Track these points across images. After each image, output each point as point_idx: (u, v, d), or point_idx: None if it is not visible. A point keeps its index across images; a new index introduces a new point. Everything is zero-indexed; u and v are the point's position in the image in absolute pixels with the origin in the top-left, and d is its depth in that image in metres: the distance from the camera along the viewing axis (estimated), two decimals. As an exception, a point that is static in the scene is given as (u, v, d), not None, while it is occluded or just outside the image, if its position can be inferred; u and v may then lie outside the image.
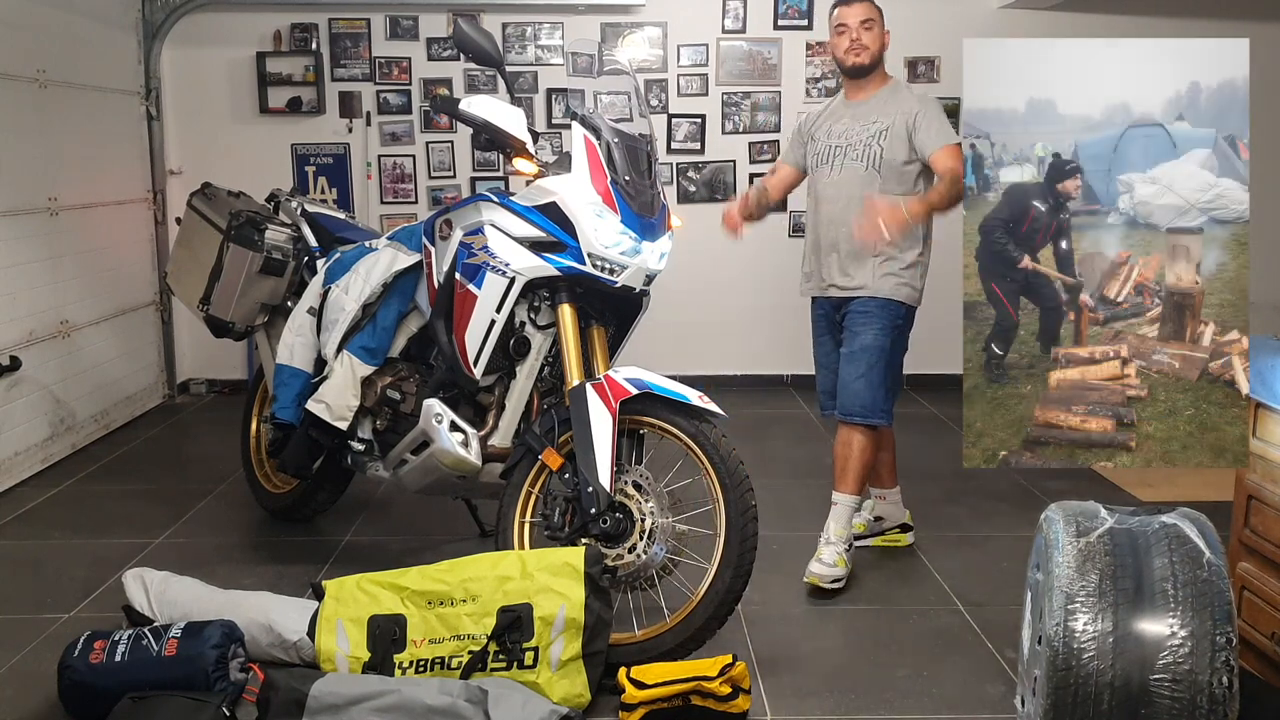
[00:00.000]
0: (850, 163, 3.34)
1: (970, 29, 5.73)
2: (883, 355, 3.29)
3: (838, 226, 3.35)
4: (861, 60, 3.35)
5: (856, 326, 3.33)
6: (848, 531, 3.32)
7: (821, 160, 3.42)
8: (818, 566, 3.23)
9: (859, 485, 3.34)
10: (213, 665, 2.52)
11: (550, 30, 5.71)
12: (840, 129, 3.39)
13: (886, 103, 3.36)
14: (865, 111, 3.37)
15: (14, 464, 4.27)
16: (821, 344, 3.53)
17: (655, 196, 3.00)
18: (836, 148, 3.38)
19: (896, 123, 3.29)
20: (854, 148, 3.34)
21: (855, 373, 3.29)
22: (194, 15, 5.61)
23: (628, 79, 3.32)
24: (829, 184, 3.39)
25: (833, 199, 3.37)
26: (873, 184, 3.30)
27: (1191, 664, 1.91)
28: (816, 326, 3.54)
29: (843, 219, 3.33)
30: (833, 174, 3.38)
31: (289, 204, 3.76)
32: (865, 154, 3.32)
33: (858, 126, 3.35)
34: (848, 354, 3.34)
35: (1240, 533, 2.61)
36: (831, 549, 3.25)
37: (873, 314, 3.31)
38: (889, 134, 3.30)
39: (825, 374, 3.51)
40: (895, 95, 3.40)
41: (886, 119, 3.32)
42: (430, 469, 3.05)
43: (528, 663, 2.52)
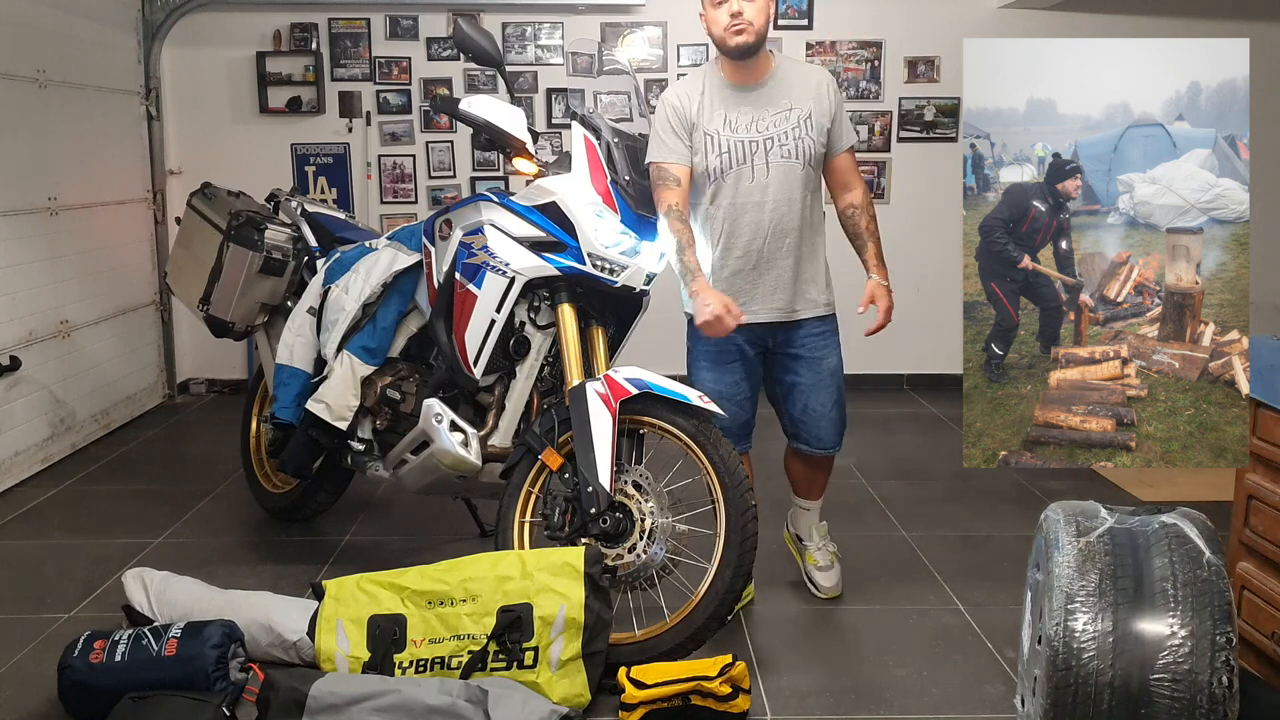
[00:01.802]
0: (780, 159, 2.86)
1: (970, 29, 5.73)
2: (842, 373, 3.07)
3: (777, 238, 2.89)
4: (747, 39, 2.81)
5: (819, 350, 3.00)
6: (826, 524, 3.30)
7: (736, 160, 2.85)
8: (825, 577, 3.21)
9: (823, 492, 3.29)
10: (213, 665, 2.52)
11: (550, 30, 5.71)
12: (745, 120, 2.86)
13: (791, 83, 2.90)
14: (770, 95, 2.88)
15: (14, 464, 4.27)
16: (729, 371, 2.98)
17: (655, 196, 2.99)
18: (752, 143, 2.85)
19: (817, 106, 2.89)
20: (778, 141, 2.85)
21: (830, 400, 3.03)
22: (194, 15, 5.61)
23: (628, 79, 3.32)
24: (754, 188, 2.86)
25: (761, 205, 2.87)
26: (810, 183, 2.90)
27: (1191, 664, 1.91)
28: (723, 353, 2.97)
29: (782, 226, 2.88)
30: (757, 175, 2.86)
31: (289, 204, 3.76)
32: (798, 148, 2.86)
33: (769, 114, 2.87)
34: (815, 383, 3.00)
35: (1240, 533, 2.61)
36: (824, 552, 3.26)
37: (830, 332, 3.03)
38: (813, 120, 2.88)
39: (729, 408, 2.92)
40: (797, 71, 2.94)
41: (803, 101, 2.88)
42: (430, 469, 3.05)
43: (528, 663, 2.52)
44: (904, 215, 5.80)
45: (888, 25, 5.76)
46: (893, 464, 4.57)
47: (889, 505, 4.03)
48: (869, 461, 4.57)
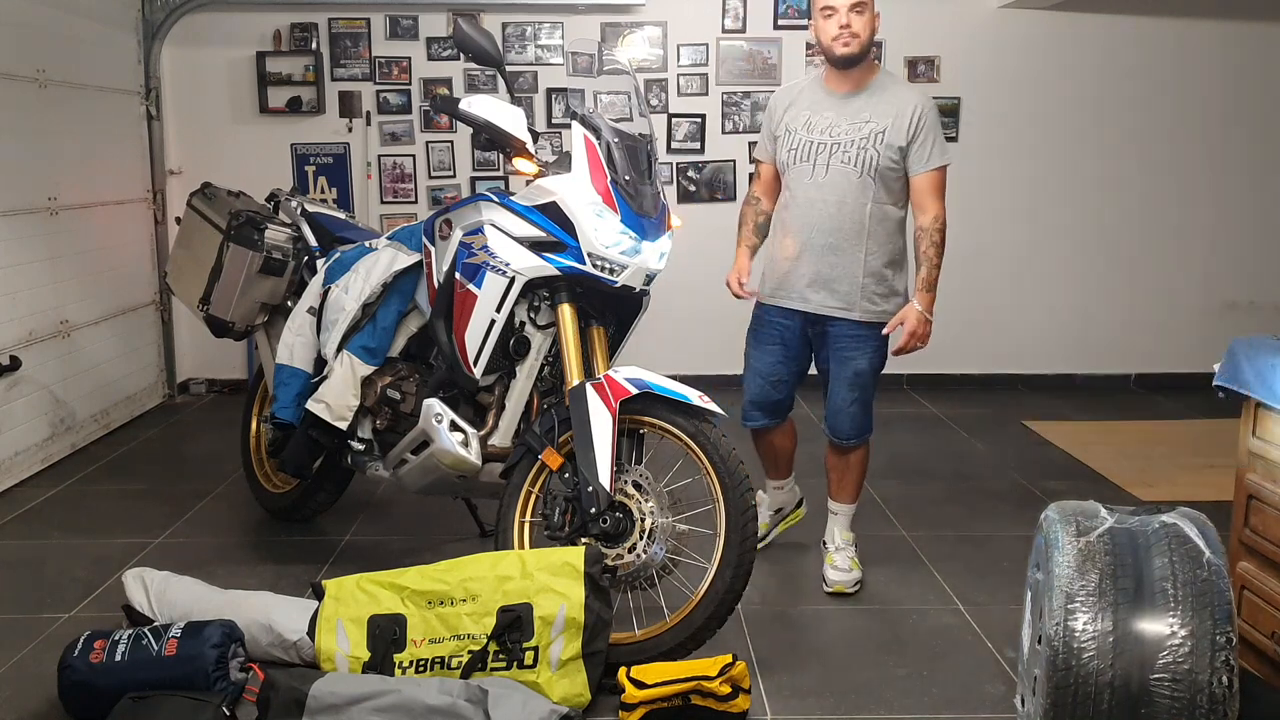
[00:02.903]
0: (839, 164, 3.05)
1: (970, 29, 5.74)
2: (875, 378, 3.23)
3: (821, 234, 3.09)
4: (852, 50, 3.00)
5: (849, 351, 3.16)
6: (851, 534, 3.34)
7: (801, 157, 3.10)
8: (837, 574, 3.23)
9: (857, 493, 3.36)
10: (213, 665, 2.52)
11: (550, 30, 5.71)
12: (824, 123, 3.08)
13: (880, 99, 3.06)
14: (856, 107, 3.07)
15: (14, 464, 4.27)
16: (769, 352, 3.24)
17: (655, 196, 3.00)
18: (820, 144, 3.07)
19: (895, 125, 3.02)
20: (843, 148, 3.05)
21: (852, 398, 3.20)
22: (194, 15, 5.61)
23: (628, 79, 3.31)
24: (811, 185, 3.09)
25: (813, 202, 3.09)
26: (866, 192, 3.05)
27: (1191, 664, 1.91)
28: (765, 334, 3.24)
29: (826, 226, 3.08)
30: (815, 174, 3.08)
31: (289, 204, 3.76)
32: (860, 158, 3.03)
33: (846, 123, 3.06)
34: (840, 379, 3.19)
35: (1240, 533, 2.61)
36: (843, 554, 3.27)
37: (864, 339, 3.15)
38: (885, 137, 3.02)
39: (761, 385, 3.23)
40: (890, 90, 3.09)
41: (883, 119, 3.03)
42: (430, 469, 3.05)
43: (528, 662, 2.52)
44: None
45: (888, 25, 5.68)
46: (893, 464, 4.57)
47: (889, 505, 4.03)
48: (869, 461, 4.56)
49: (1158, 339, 6.01)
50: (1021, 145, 5.85)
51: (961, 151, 5.83)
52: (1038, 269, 5.96)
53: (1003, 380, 6.01)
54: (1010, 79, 5.79)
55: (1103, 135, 5.85)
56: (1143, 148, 5.87)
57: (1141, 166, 5.89)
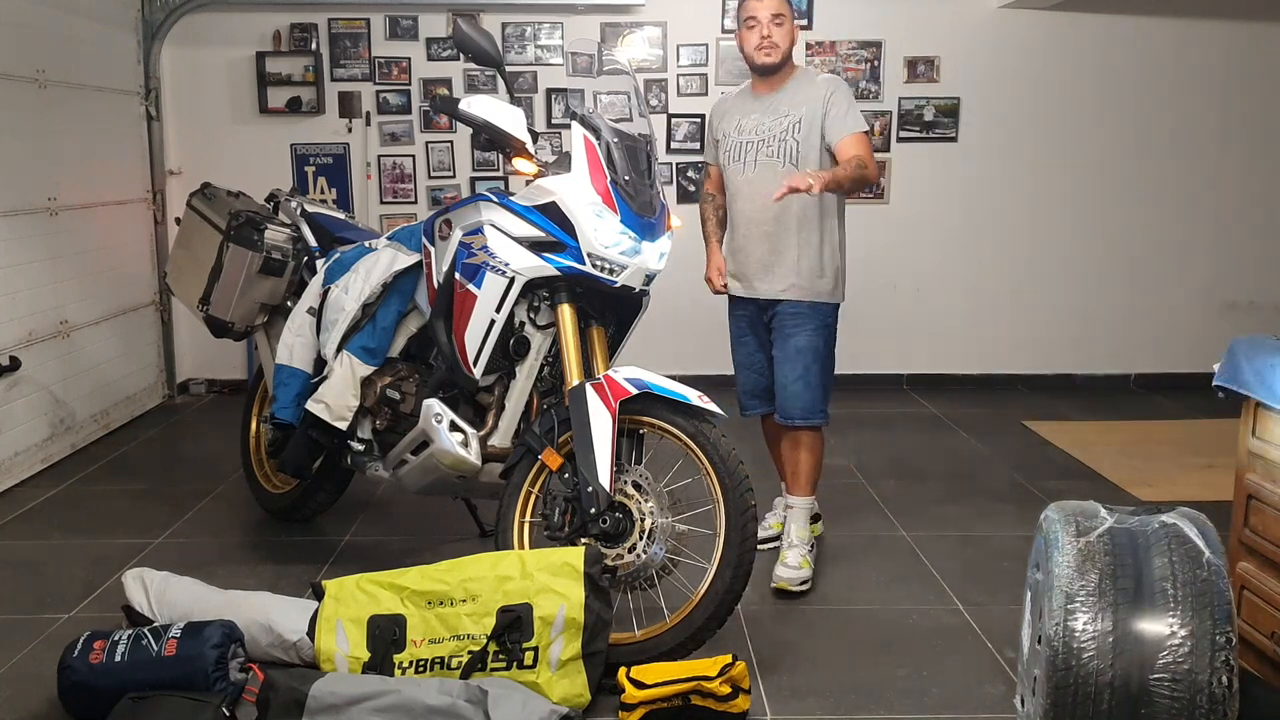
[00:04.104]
0: (765, 159, 3.26)
1: (970, 29, 5.74)
2: (818, 356, 3.30)
3: (756, 226, 3.29)
4: (772, 60, 3.24)
5: (789, 329, 3.30)
6: (808, 532, 3.37)
7: (733, 157, 3.34)
8: (784, 570, 3.24)
9: (812, 486, 3.40)
10: (213, 665, 2.52)
11: (550, 30, 5.71)
12: (750, 124, 3.30)
13: (796, 93, 3.27)
14: (775, 104, 3.28)
15: (14, 464, 4.27)
16: (744, 345, 3.47)
17: (655, 196, 3.00)
18: (747, 143, 3.29)
19: (809, 111, 3.22)
20: (767, 143, 3.26)
21: (793, 374, 3.29)
22: (194, 15, 5.61)
23: (627, 79, 3.32)
24: (743, 181, 3.32)
25: (748, 197, 3.31)
26: None
27: (1191, 664, 1.91)
28: (737, 327, 3.48)
29: (761, 217, 3.27)
30: (746, 171, 3.30)
31: (289, 204, 3.76)
32: (780, 149, 3.24)
33: (769, 120, 3.27)
34: (782, 357, 3.31)
35: (1240, 533, 2.61)
36: (795, 551, 3.28)
37: (804, 315, 3.29)
38: (803, 125, 3.22)
39: (747, 375, 3.48)
40: (805, 83, 3.30)
41: (798, 109, 3.24)
42: (430, 469, 3.05)
43: (527, 663, 2.52)
44: (903, 215, 5.81)
45: (887, 25, 5.76)
46: (893, 464, 4.57)
47: (889, 505, 4.03)
48: (869, 461, 4.57)
49: (1158, 339, 6.01)
50: (1021, 145, 5.85)
51: (961, 151, 5.85)
52: (1038, 269, 5.96)
53: (1003, 380, 6.01)
54: (1010, 79, 5.79)
55: (1103, 135, 5.85)
56: (1143, 148, 5.87)
57: (1141, 167, 5.89)
